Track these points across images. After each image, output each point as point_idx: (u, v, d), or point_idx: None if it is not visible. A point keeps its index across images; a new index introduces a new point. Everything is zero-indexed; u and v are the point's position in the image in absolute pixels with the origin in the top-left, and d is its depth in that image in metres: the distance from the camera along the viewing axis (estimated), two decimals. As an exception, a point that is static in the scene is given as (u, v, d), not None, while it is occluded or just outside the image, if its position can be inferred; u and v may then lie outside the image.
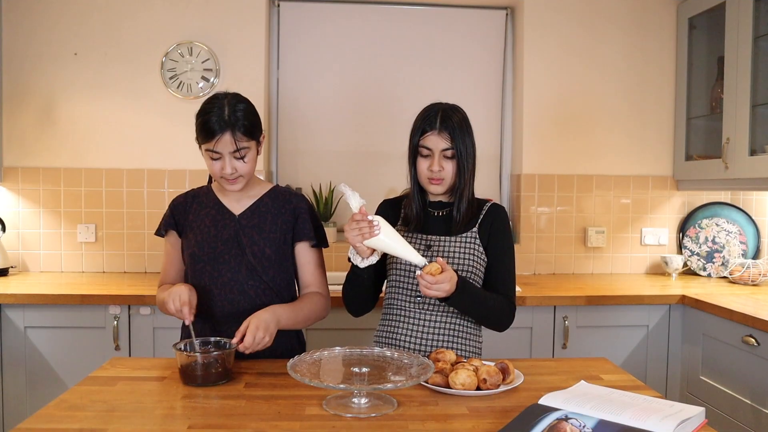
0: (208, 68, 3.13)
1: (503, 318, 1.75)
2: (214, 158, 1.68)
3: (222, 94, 1.72)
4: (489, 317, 1.74)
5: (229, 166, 1.68)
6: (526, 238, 3.29)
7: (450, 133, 1.69)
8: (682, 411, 1.26)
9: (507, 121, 3.44)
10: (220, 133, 1.64)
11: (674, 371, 2.74)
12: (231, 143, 1.65)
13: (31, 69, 3.09)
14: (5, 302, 2.52)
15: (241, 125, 1.66)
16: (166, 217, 1.84)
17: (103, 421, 1.28)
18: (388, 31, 3.35)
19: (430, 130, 1.70)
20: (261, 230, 1.78)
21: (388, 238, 1.59)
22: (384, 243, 1.59)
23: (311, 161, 3.36)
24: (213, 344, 1.61)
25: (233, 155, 1.67)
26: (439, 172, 1.71)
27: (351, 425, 1.27)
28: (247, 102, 1.73)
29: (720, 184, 3.01)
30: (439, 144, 1.70)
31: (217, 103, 1.67)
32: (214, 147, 1.66)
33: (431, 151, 1.71)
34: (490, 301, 1.71)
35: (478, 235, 1.77)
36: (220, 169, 1.69)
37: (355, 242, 1.60)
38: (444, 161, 1.71)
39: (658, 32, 3.31)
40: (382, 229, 1.58)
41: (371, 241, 1.58)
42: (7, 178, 3.10)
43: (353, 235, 1.58)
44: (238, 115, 1.66)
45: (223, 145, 1.66)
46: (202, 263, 1.75)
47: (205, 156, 1.71)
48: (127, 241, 3.15)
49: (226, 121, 1.64)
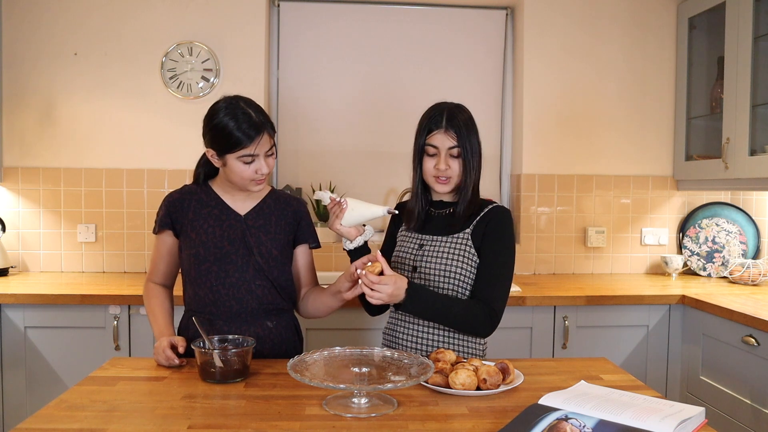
0: (208, 68, 3.13)
1: (476, 325, 1.68)
2: (248, 162, 1.68)
3: (226, 100, 1.71)
4: (456, 323, 1.68)
5: (266, 165, 1.70)
6: (526, 238, 3.29)
7: (456, 132, 1.70)
8: (682, 411, 1.26)
9: (507, 121, 3.44)
10: (258, 135, 1.66)
11: (674, 371, 2.74)
12: (268, 142, 1.69)
13: (31, 69, 3.09)
14: (5, 302, 2.52)
15: (269, 123, 1.71)
16: (161, 215, 1.81)
17: (103, 421, 1.28)
18: (388, 31, 3.35)
19: (436, 129, 1.71)
20: (267, 231, 1.80)
21: (356, 207, 1.71)
22: (354, 213, 1.71)
23: (311, 161, 3.36)
24: (231, 342, 1.61)
25: (266, 154, 1.70)
26: (445, 171, 1.71)
27: (351, 425, 1.27)
28: (255, 101, 1.75)
29: (720, 184, 3.01)
30: (445, 142, 1.70)
31: (239, 109, 1.67)
32: (254, 150, 1.67)
33: (438, 149, 1.71)
34: (456, 308, 1.66)
35: (471, 236, 1.74)
36: (255, 171, 1.69)
37: (335, 225, 1.71)
38: (450, 160, 1.71)
39: (658, 32, 3.31)
40: (349, 202, 1.70)
41: (346, 219, 1.71)
42: (7, 178, 3.10)
43: (332, 221, 1.71)
44: (262, 115, 1.70)
45: (261, 147, 1.68)
46: (208, 263, 1.75)
47: (233, 163, 1.69)
48: (127, 241, 3.15)
49: (259, 122, 1.67)
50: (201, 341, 1.58)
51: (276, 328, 1.81)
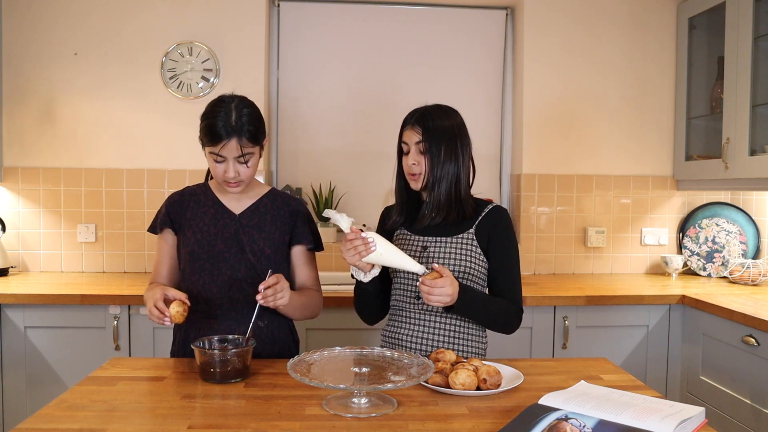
0: (208, 68, 3.13)
1: (509, 322, 1.74)
2: (218, 161, 1.69)
3: (229, 97, 1.72)
4: (494, 321, 1.73)
5: (233, 170, 1.69)
6: (526, 238, 3.29)
7: (422, 127, 1.70)
8: (682, 411, 1.26)
9: (507, 121, 3.44)
10: (226, 139, 1.65)
11: (674, 371, 2.74)
12: (236, 149, 1.67)
13: (31, 69, 3.09)
14: (5, 302, 2.52)
15: (247, 131, 1.67)
16: (161, 215, 1.84)
17: (103, 421, 1.28)
18: (388, 31, 3.35)
19: (407, 126, 1.74)
20: (261, 230, 1.79)
21: (385, 252, 1.60)
22: (381, 257, 1.61)
23: (311, 161, 3.36)
24: (231, 342, 1.61)
25: (237, 160, 1.69)
26: (413, 167, 1.72)
27: (351, 425, 1.27)
28: (253, 106, 1.73)
29: (720, 184, 3.01)
30: (412, 137, 1.72)
31: (224, 107, 1.67)
32: (219, 151, 1.67)
33: (408, 146, 1.74)
34: (494, 305, 1.71)
35: (476, 236, 1.75)
36: (223, 173, 1.70)
37: (353, 261, 1.62)
38: (419, 156, 1.72)
39: (658, 32, 3.31)
40: (377, 243, 1.59)
41: (369, 257, 1.60)
42: (7, 178, 3.10)
43: (350, 255, 1.60)
44: (243, 121, 1.66)
45: (228, 151, 1.67)
46: (202, 261, 1.76)
47: (208, 157, 1.72)
48: (127, 241, 3.15)
49: (233, 126, 1.65)
50: (201, 341, 1.58)
51: (268, 327, 1.80)
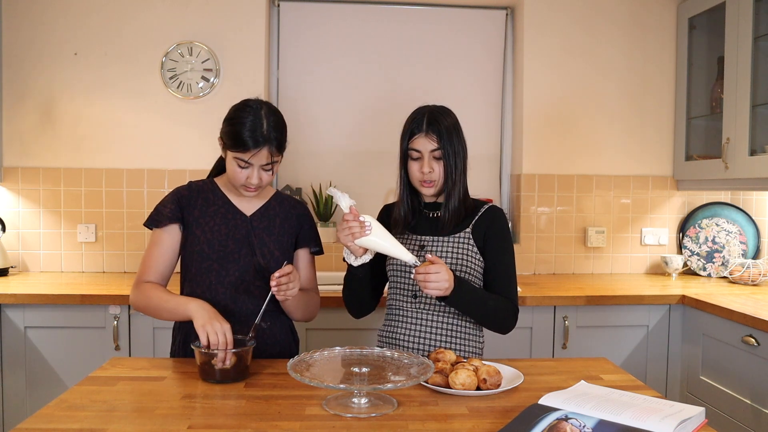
0: (208, 68, 3.12)
1: (506, 319, 1.74)
2: (243, 167, 1.68)
3: (255, 102, 1.71)
4: (490, 318, 1.73)
5: (256, 177, 1.69)
6: (526, 238, 3.29)
7: (437, 134, 1.70)
8: (682, 411, 1.26)
9: (507, 121, 3.44)
10: (258, 148, 1.65)
11: (674, 371, 2.74)
12: (266, 157, 1.67)
13: (31, 69, 3.09)
14: (5, 302, 2.52)
15: (276, 139, 1.68)
16: (169, 209, 1.77)
17: (103, 421, 1.28)
18: (388, 31, 3.35)
19: (418, 133, 1.72)
20: (270, 232, 1.80)
21: (380, 238, 1.61)
22: (375, 242, 1.61)
23: (311, 161, 3.36)
24: None
25: (263, 167, 1.69)
26: (429, 174, 1.72)
27: (351, 425, 1.27)
28: (279, 114, 1.74)
29: (720, 184, 3.01)
30: (427, 146, 1.71)
31: (252, 113, 1.67)
32: (249, 159, 1.66)
33: (421, 153, 1.72)
34: (491, 301, 1.71)
35: (472, 235, 1.76)
36: (245, 178, 1.69)
37: (346, 242, 1.63)
38: (433, 162, 1.72)
39: (658, 32, 3.31)
40: (373, 228, 1.61)
41: (362, 241, 1.61)
42: (7, 178, 3.10)
43: (344, 235, 1.62)
44: (275, 130, 1.67)
45: (257, 159, 1.67)
46: (210, 261, 1.75)
47: (231, 161, 1.70)
48: (127, 241, 3.15)
49: (265, 136, 1.65)
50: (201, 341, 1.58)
51: (270, 329, 1.81)
